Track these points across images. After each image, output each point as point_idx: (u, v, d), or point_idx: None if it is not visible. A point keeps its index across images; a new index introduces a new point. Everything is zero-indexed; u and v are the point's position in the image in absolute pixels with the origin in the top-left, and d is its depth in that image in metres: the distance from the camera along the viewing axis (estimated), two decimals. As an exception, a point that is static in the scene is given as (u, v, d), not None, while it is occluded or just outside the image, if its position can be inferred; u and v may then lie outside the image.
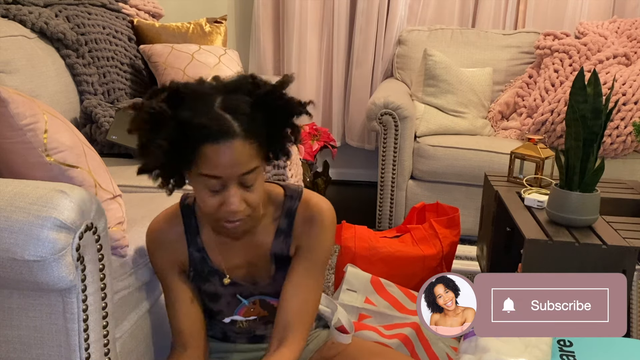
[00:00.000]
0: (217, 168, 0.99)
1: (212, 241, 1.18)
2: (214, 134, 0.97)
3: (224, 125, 0.98)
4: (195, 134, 0.97)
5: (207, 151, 0.98)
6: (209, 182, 1.01)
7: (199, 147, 0.98)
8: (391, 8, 3.19)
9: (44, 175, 1.17)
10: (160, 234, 1.18)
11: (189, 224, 1.18)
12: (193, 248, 1.18)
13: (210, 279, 1.19)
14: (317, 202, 1.17)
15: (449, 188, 2.64)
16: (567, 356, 1.32)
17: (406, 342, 1.44)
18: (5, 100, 1.13)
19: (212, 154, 0.98)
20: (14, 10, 1.99)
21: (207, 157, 0.98)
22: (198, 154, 0.98)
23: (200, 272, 1.19)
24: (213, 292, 1.20)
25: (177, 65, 2.37)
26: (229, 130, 0.98)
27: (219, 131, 0.97)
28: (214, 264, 1.18)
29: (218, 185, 1.01)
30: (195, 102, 1.00)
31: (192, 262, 1.18)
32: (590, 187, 1.51)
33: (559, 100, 2.57)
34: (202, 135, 0.97)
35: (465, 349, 1.31)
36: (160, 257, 1.19)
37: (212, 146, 0.97)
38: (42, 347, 1.09)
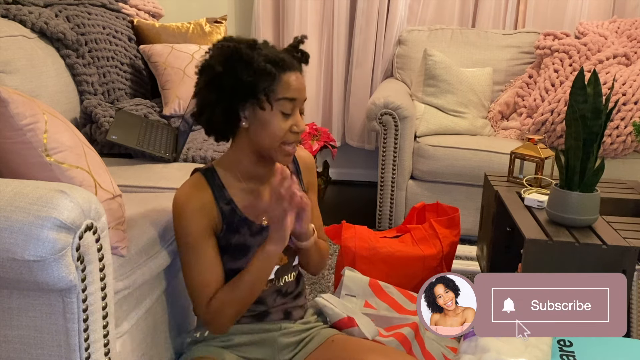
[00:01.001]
0: (294, 91, 1.23)
1: (238, 193, 1.31)
2: (292, 65, 1.23)
3: (293, 59, 1.26)
4: (279, 66, 1.21)
5: (286, 78, 1.22)
6: (286, 105, 1.23)
7: (280, 75, 1.21)
8: (391, 8, 3.19)
9: (44, 175, 1.17)
10: (192, 199, 1.27)
11: (214, 183, 1.30)
12: (222, 202, 1.29)
13: (240, 229, 1.30)
14: (305, 152, 1.48)
15: (449, 188, 2.64)
16: (567, 356, 1.32)
17: (403, 342, 1.44)
18: (5, 100, 1.13)
19: (291, 79, 1.23)
20: (14, 10, 1.99)
21: (287, 82, 1.22)
22: (280, 81, 1.21)
23: (231, 223, 1.29)
24: (242, 243, 1.30)
25: (177, 65, 2.37)
26: (295, 63, 1.26)
27: (292, 63, 1.24)
28: (243, 213, 1.30)
29: (290, 108, 1.23)
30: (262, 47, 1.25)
31: (224, 216, 1.29)
32: (590, 187, 1.51)
33: (559, 100, 2.57)
34: (282, 66, 1.21)
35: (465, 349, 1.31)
36: (198, 223, 1.26)
37: (290, 73, 1.23)
38: (42, 347, 1.09)
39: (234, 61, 1.20)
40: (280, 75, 1.21)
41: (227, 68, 1.21)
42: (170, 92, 2.32)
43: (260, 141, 1.25)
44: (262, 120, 1.23)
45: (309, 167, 1.45)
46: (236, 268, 1.30)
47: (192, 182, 1.31)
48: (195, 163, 1.97)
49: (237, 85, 1.21)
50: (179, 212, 1.27)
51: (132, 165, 1.91)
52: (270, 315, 1.36)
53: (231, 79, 1.20)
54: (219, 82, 1.22)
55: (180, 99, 2.29)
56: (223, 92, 1.22)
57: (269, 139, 1.24)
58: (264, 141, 1.25)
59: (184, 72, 2.35)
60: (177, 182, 1.75)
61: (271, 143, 1.25)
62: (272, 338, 1.35)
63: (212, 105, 1.24)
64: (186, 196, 1.27)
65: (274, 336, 1.35)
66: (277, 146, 1.25)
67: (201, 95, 1.26)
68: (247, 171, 1.31)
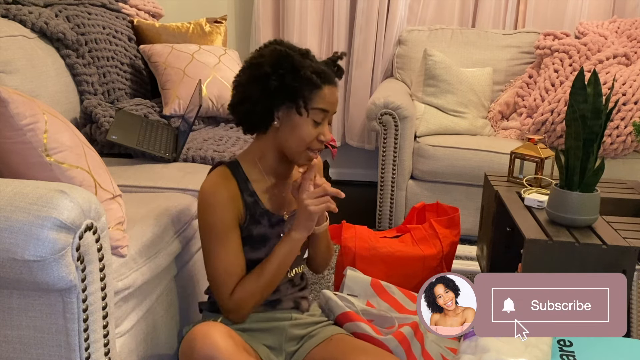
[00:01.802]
0: (328, 103, 1.31)
1: (260, 187, 1.37)
2: (330, 79, 1.31)
3: (332, 74, 1.33)
4: (322, 78, 1.29)
5: (325, 90, 1.30)
6: (319, 115, 1.30)
7: (320, 87, 1.29)
8: (391, 8, 3.19)
9: (44, 175, 1.17)
10: (220, 190, 1.32)
11: (239, 175, 1.35)
12: (246, 194, 1.35)
13: (261, 220, 1.36)
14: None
15: (449, 188, 2.64)
16: (567, 356, 1.32)
17: (402, 341, 1.44)
18: (5, 100, 1.13)
19: (328, 92, 1.30)
20: (14, 10, 1.99)
21: (324, 94, 1.30)
22: (318, 92, 1.29)
23: (253, 214, 1.35)
24: (262, 234, 1.36)
25: (177, 65, 2.37)
26: (334, 79, 1.34)
27: (331, 78, 1.32)
28: (264, 205, 1.36)
29: (321, 118, 1.31)
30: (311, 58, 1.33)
31: (247, 207, 1.34)
32: (590, 187, 1.51)
33: (559, 100, 2.57)
34: (324, 79, 1.29)
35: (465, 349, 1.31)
36: (226, 213, 1.31)
37: (329, 87, 1.30)
38: (42, 347, 1.09)
39: (284, 65, 1.27)
40: (322, 86, 1.29)
41: (275, 70, 1.27)
42: (170, 92, 2.32)
43: (287, 143, 1.33)
44: (294, 124, 1.31)
45: (319, 166, 1.51)
46: (255, 258, 1.35)
47: (219, 174, 1.36)
48: (195, 163, 1.97)
49: (281, 88, 1.27)
50: (207, 202, 1.32)
51: (132, 165, 1.91)
52: (282, 304, 1.41)
53: (277, 80, 1.27)
54: (265, 81, 1.28)
55: (180, 99, 2.29)
56: (266, 91, 1.28)
57: (297, 142, 1.32)
58: (291, 144, 1.32)
59: (184, 72, 2.35)
60: (177, 182, 1.76)
61: (297, 147, 1.32)
62: (282, 327, 1.39)
63: (253, 100, 1.30)
64: (215, 186, 1.32)
65: (285, 325, 1.39)
66: (302, 150, 1.32)
67: (243, 88, 1.32)
68: (270, 166, 1.38)
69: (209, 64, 2.41)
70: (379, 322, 1.54)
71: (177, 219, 1.53)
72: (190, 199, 1.66)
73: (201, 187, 1.34)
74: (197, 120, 2.31)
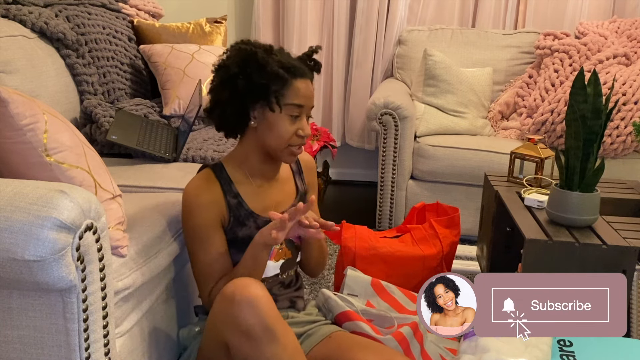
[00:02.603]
0: (302, 97, 1.30)
1: (245, 188, 1.37)
2: (302, 72, 1.30)
3: (305, 67, 1.33)
4: (291, 72, 1.28)
5: (297, 84, 1.29)
6: (294, 110, 1.29)
7: (291, 81, 1.28)
8: (391, 8, 3.19)
9: (44, 175, 1.17)
10: (202, 192, 1.32)
11: (222, 177, 1.36)
12: (229, 196, 1.35)
13: (246, 222, 1.36)
14: (306, 154, 1.54)
15: (449, 188, 2.64)
16: (567, 356, 1.32)
17: (402, 341, 1.44)
18: (5, 100, 1.13)
19: (301, 86, 1.29)
20: (14, 10, 1.99)
21: (297, 89, 1.29)
22: (290, 87, 1.28)
23: (238, 216, 1.35)
24: (248, 236, 1.34)
25: (177, 65, 2.37)
26: (307, 72, 1.33)
27: (303, 70, 1.31)
28: (249, 207, 1.36)
29: (297, 113, 1.30)
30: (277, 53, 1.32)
31: (231, 209, 1.35)
32: (590, 187, 1.51)
33: (559, 100, 2.57)
34: (294, 73, 1.28)
35: (465, 349, 1.31)
36: (206, 215, 1.32)
37: (301, 80, 1.29)
38: (42, 347, 1.09)
39: (250, 63, 1.27)
40: (292, 80, 1.28)
41: (242, 69, 1.28)
42: (170, 92, 2.32)
43: (267, 141, 1.32)
44: (270, 121, 1.30)
45: (310, 168, 1.53)
46: None
47: (202, 176, 1.36)
48: (195, 163, 1.97)
49: (249, 87, 1.27)
50: (188, 204, 1.32)
51: (132, 165, 1.91)
52: (278, 303, 1.40)
53: (245, 80, 1.27)
54: (233, 82, 1.28)
55: (180, 99, 2.29)
56: (236, 92, 1.28)
57: (276, 140, 1.31)
58: (271, 142, 1.32)
59: (184, 72, 2.35)
60: (177, 182, 1.76)
61: (277, 144, 1.32)
62: None
63: (225, 103, 1.30)
64: (196, 189, 1.33)
65: None
66: (283, 147, 1.32)
67: (215, 92, 1.33)
68: (254, 168, 1.38)
69: (209, 64, 2.39)
70: (379, 322, 1.54)
71: (177, 219, 1.52)
72: (190, 199, 1.66)
73: (184, 189, 1.34)
74: (197, 120, 2.31)
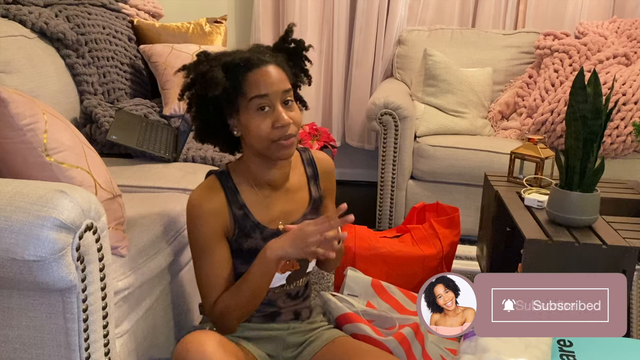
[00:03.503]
0: (263, 86, 1.20)
1: (252, 198, 1.30)
2: (255, 62, 1.21)
3: (260, 55, 1.23)
4: (240, 68, 1.21)
5: (253, 76, 1.21)
6: (258, 103, 1.20)
7: (245, 75, 1.20)
8: (391, 8, 3.19)
9: (44, 175, 1.17)
10: (205, 204, 1.26)
11: (228, 186, 1.30)
12: (235, 207, 1.29)
13: (252, 234, 1.30)
14: (324, 155, 1.46)
15: (449, 188, 2.64)
16: (567, 356, 1.32)
17: (402, 342, 1.44)
18: (5, 100, 1.13)
19: (258, 76, 1.20)
20: (14, 10, 1.99)
21: (254, 80, 1.20)
22: (246, 82, 1.20)
23: (243, 228, 1.29)
24: (254, 248, 1.29)
25: (177, 65, 2.34)
26: (264, 58, 1.23)
27: (259, 59, 1.22)
28: (255, 218, 1.30)
29: (266, 104, 1.21)
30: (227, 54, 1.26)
31: (236, 221, 1.29)
32: (590, 187, 1.51)
33: (559, 100, 2.57)
34: (246, 66, 1.21)
35: (465, 349, 1.31)
36: (209, 225, 1.26)
37: (256, 70, 1.21)
38: (42, 347, 1.09)
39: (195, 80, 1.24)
40: (244, 75, 1.21)
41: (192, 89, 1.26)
42: (170, 92, 2.32)
43: (253, 145, 1.25)
44: (244, 124, 1.23)
45: (327, 172, 1.44)
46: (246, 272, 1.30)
47: (206, 185, 1.31)
48: (195, 163, 1.97)
49: (206, 101, 1.23)
50: (192, 213, 1.27)
51: (132, 165, 1.91)
52: (281, 316, 1.37)
53: (199, 97, 1.25)
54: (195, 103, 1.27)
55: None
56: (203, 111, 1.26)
57: (256, 140, 1.23)
58: (255, 143, 1.24)
59: (184, 72, 2.35)
60: (177, 182, 1.76)
61: (260, 144, 1.23)
62: (280, 336, 1.36)
63: (205, 125, 1.28)
64: (200, 198, 1.27)
65: (283, 335, 1.37)
66: (267, 145, 1.23)
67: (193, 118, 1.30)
68: (258, 177, 1.30)
69: (209, 64, 2.41)
70: (380, 323, 1.54)
71: (177, 219, 1.53)
72: (190, 199, 1.66)
73: (189, 197, 1.30)
74: (197, 120, 2.31)
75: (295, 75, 1.32)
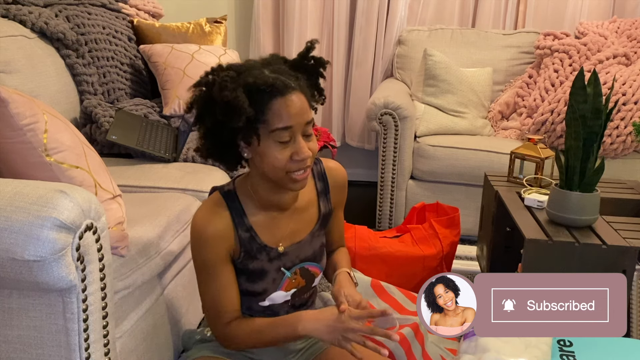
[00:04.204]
0: (288, 118, 1.11)
1: (258, 219, 1.25)
2: (280, 89, 1.10)
3: (284, 81, 1.11)
4: (263, 95, 1.10)
5: (277, 105, 1.10)
6: (281, 135, 1.11)
7: (268, 104, 1.10)
8: (391, 8, 3.19)
9: (44, 175, 1.17)
10: (210, 227, 1.20)
11: (234, 207, 1.23)
12: (241, 229, 1.23)
13: (258, 256, 1.25)
14: (337, 166, 1.38)
15: (449, 188, 2.64)
16: (567, 356, 1.32)
17: (402, 342, 1.44)
18: (5, 100, 1.14)
19: (282, 105, 1.10)
20: (14, 10, 1.99)
21: (278, 110, 1.10)
22: (269, 110, 1.10)
23: (249, 250, 1.24)
24: (260, 269, 1.26)
25: (177, 65, 2.37)
26: (290, 84, 1.12)
27: (284, 86, 1.11)
28: (262, 240, 1.25)
29: (288, 136, 1.12)
30: (249, 73, 1.13)
31: (242, 243, 1.23)
32: (590, 187, 1.51)
33: (559, 100, 2.57)
34: (270, 93, 1.10)
35: (465, 349, 1.31)
36: (214, 249, 1.21)
37: (281, 99, 1.10)
38: (42, 347, 1.09)
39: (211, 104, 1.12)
40: (270, 102, 1.10)
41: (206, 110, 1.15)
42: (170, 92, 2.32)
43: (265, 172, 1.17)
44: (260, 151, 1.15)
45: (339, 185, 1.37)
46: (252, 290, 1.27)
47: (211, 205, 1.23)
48: (195, 163, 1.97)
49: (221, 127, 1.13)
50: (196, 236, 1.21)
51: (132, 165, 1.91)
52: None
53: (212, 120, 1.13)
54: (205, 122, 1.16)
55: (180, 99, 2.29)
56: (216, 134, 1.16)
57: (271, 170, 1.15)
58: (268, 172, 1.17)
59: (184, 72, 2.35)
60: (177, 182, 1.76)
61: (274, 174, 1.16)
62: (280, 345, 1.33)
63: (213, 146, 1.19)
64: (205, 221, 1.20)
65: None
66: (281, 176, 1.16)
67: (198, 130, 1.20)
68: (265, 199, 1.24)
69: (209, 64, 2.39)
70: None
71: (177, 219, 1.53)
72: (190, 199, 1.66)
73: (193, 217, 1.23)
74: (197, 120, 2.31)
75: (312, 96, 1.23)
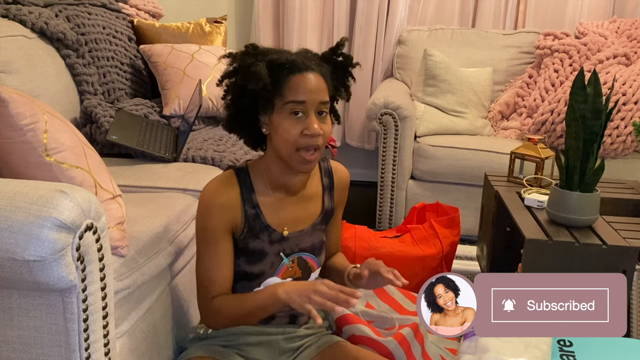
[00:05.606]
0: (302, 93, 1.19)
1: (265, 199, 1.29)
2: (299, 66, 1.20)
3: (305, 60, 1.22)
4: (284, 69, 1.20)
5: (294, 80, 1.19)
6: (295, 107, 1.19)
7: (287, 77, 1.19)
8: (391, 8, 3.19)
9: (44, 175, 1.17)
10: (219, 197, 1.26)
11: (244, 183, 1.28)
12: (248, 205, 1.27)
13: (260, 235, 1.29)
14: (342, 168, 1.44)
15: (449, 188, 2.64)
16: (567, 356, 1.32)
17: (402, 342, 1.44)
18: (5, 100, 1.13)
19: (299, 81, 1.19)
20: (14, 10, 1.99)
21: (295, 84, 1.19)
22: (286, 84, 1.19)
23: (252, 228, 1.28)
24: (260, 249, 1.29)
25: (177, 65, 2.37)
26: (310, 64, 1.22)
27: (304, 64, 1.21)
28: (266, 220, 1.29)
29: (300, 109, 1.20)
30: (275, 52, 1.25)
31: (247, 219, 1.27)
32: (590, 187, 1.51)
33: (559, 100, 2.57)
34: (290, 68, 1.20)
35: (465, 349, 1.31)
36: (218, 219, 1.25)
37: (298, 75, 1.19)
38: (42, 347, 1.09)
39: (238, 70, 1.23)
40: (288, 77, 1.19)
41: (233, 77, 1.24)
42: (170, 92, 2.32)
43: (278, 147, 1.24)
44: (275, 124, 1.22)
45: (343, 185, 1.43)
46: (250, 272, 1.30)
47: (223, 178, 1.30)
48: (195, 163, 1.97)
49: (243, 94, 1.22)
50: (204, 204, 1.27)
51: (132, 165, 1.91)
52: (276, 319, 1.36)
53: (237, 88, 1.23)
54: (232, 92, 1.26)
55: (180, 99, 2.29)
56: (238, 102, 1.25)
57: (283, 144, 1.21)
58: (281, 147, 1.23)
59: (184, 72, 2.35)
60: (177, 182, 1.76)
61: (285, 149, 1.22)
62: (275, 341, 1.35)
63: (235, 114, 1.27)
64: (214, 191, 1.27)
65: (277, 339, 1.35)
66: (291, 152, 1.21)
67: (226, 106, 1.29)
68: (276, 180, 1.29)
69: (209, 64, 2.41)
70: (379, 323, 1.54)
71: (177, 219, 1.53)
72: (190, 199, 1.66)
73: (204, 187, 1.29)
74: (197, 120, 2.31)
75: (336, 89, 1.30)
